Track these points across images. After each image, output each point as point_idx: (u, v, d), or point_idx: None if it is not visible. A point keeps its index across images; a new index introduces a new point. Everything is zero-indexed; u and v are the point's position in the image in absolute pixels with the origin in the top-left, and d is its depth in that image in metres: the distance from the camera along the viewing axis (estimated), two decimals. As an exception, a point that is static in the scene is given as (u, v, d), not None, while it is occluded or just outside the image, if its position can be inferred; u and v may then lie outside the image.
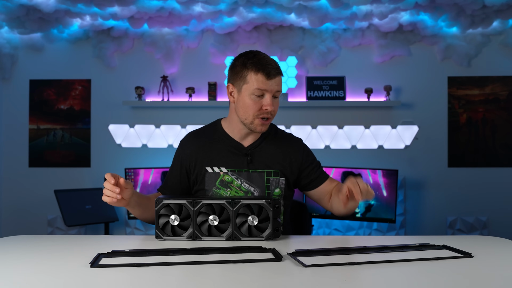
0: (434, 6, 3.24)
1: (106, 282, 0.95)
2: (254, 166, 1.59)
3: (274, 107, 1.53)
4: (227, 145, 1.61)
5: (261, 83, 1.50)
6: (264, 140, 1.63)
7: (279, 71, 1.54)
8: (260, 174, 1.58)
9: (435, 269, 1.04)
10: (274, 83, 1.52)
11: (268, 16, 3.43)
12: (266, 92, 1.52)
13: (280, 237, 1.41)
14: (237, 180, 1.58)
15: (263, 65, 1.51)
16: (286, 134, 1.71)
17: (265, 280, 0.96)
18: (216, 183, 1.59)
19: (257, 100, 1.52)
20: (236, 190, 1.58)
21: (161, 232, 1.38)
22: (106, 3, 3.12)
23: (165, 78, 3.63)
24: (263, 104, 1.52)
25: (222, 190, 1.58)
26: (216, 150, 1.61)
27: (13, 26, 3.48)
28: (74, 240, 1.40)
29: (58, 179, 3.71)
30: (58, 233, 3.67)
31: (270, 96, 1.52)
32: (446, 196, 3.65)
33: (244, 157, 1.59)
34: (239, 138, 1.61)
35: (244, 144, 1.62)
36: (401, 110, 3.65)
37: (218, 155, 1.60)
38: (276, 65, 1.54)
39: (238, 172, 1.58)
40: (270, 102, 1.52)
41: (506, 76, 3.66)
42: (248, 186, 1.58)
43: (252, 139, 1.62)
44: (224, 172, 1.58)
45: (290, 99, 3.64)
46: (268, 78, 1.50)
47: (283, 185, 1.61)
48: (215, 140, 1.63)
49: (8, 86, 3.76)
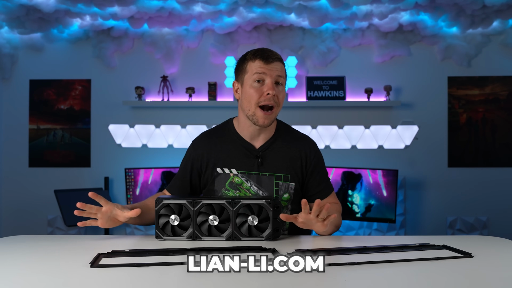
0: (434, 6, 3.24)
1: (106, 282, 0.95)
2: (265, 169, 1.56)
3: (277, 94, 1.50)
4: (238, 145, 1.58)
5: (259, 67, 1.50)
6: (275, 141, 1.60)
7: (278, 58, 1.53)
8: (269, 177, 1.56)
9: (435, 269, 1.04)
10: (274, 67, 1.50)
11: (268, 16, 3.43)
12: (266, 76, 1.50)
13: (280, 237, 1.41)
14: (246, 183, 1.55)
15: (261, 52, 1.53)
16: (298, 135, 1.66)
17: (265, 280, 0.96)
18: (225, 185, 1.57)
19: (258, 87, 1.50)
20: (245, 192, 1.55)
21: (161, 232, 1.38)
22: (106, 3, 3.12)
23: (165, 78, 3.63)
24: (263, 90, 1.49)
25: (231, 191, 1.56)
26: (227, 151, 1.58)
27: (13, 26, 3.48)
28: (74, 240, 1.40)
29: (58, 179, 3.71)
30: (58, 233, 3.67)
31: (271, 80, 1.50)
32: (446, 196, 3.65)
33: (255, 159, 1.56)
34: (249, 138, 1.58)
35: (256, 145, 1.58)
36: (401, 110, 3.65)
37: (229, 156, 1.57)
38: (275, 53, 1.54)
39: (248, 174, 1.56)
40: (271, 86, 1.49)
41: (506, 76, 3.66)
42: (257, 189, 1.55)
43: (263, 139, 1.59)
44: (234, 173, 1.56)
45: (290, 99, 3.64)
46: (266, 62, 1.50)
47: (292, 190, 1.58)
48: (226, 140, 1.60)
49: (8, 86, 3.76)
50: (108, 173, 3.67)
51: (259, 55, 1.51)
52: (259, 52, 1.53)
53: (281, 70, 1.53)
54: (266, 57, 1.50)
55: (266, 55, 1.51)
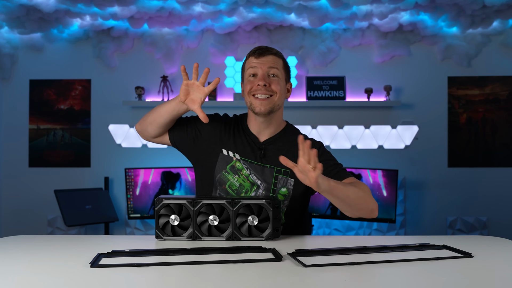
0: (434, 6, 3.24)
1: (106, 282, 0.95)
2: (266, 161, 1.60)
3: (270, 83, 1.56)
4: (246, 136, 1.64)
5: (252, 63, 1.59)
6: (280, 138, 1.64)
7: (272, 52, 1.60)
8: (270, 170, 1.59)
9: (435, 269, 1.04)
10: (265, 60, 1.58)
11: (268, 16, 3.43)
12: (257, 69, 1.57)
13: (280, 237, 1.41)
14: (246, 170, 1.59)
15: (255, 49, 1.62)
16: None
17: (265, 280, 0.96)
18: (226, 168, 1.60)
19: (252, 80, 1.59)
20: (244, 179, 1.59)
21: (161, 232, 1.38)
22: (106, 3, 3.12)
23: (165, 78, 3.63)
24: (255, 82, 1.57)
25: (230, 175, 1.60)
26: (236, 138, 1.64)
27: (13, 26, 3.48)
28: (74, 240, 1.40)
29: (58, 179, 3.71)
30: (58, 233, 3.67)
31: (261, 72, 1.57)
32: (446, 196, 3.65)
33: (258, 151, 1.61)
34: (256, 131, 1.64)
35: (260, 138, 1.64)
36: (401, 110, 3.65)
37: (235, 142, 1.63)
38: (271, 48, 1.61)
39: (249, 163, 1.60)
40: (261, 77, 1.56)
41: (506, 76, 3.66)
42: (255, 179, 1.59)
43: (268, 134, 1.64)
44: (237, 158, 1.60)
45: (290, 99, 3.64)
46: (257, 57, 1.58)
47: (291, 186, 1.59)
48: (239, 129, 1.67)
49: (8, 86, 3.76)
50: (108, 173, 3.67)
51: (252, 52, 1.61)
52: (254, 49, 1.62)
53: (273, 62, 1.59)
54: (258, 53, 1.59)
55: (259, 51, 1.59)
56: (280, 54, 1.63)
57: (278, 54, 1.62)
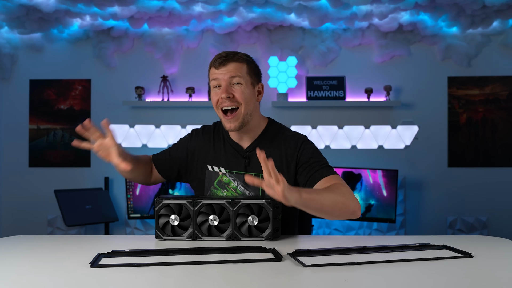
0: (434, 6, 3.24)
1: (106, 282, 0.95)
2: (251, 169, 1.57)
3: (234, 93, 1.51)
4: (227, 145, 1.62)
5: (213, 74, 1.54)
6: (261, 142, 1.60)
7: (232, 58, 1.52)
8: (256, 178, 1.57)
9: (435, 269, 1.04)
10: (226, 70, 1.51)
11: (268, 16, 3.43)
12: (219, 81, 1.52)
13: (280, 237, 1.41)
14: (233, 182, 1.58)
15: (215, 58, 1.55)
16: (288, 134, 1.63)
17: (265, 280, 0.96)
18: (214, 183, 1.60)
19: (217, 91, 1.54)
20: (232, 192, 1.58)
21: (161, 232, 1.38)
22: (106, 3, 3.12)
23: (165, 78, 3.63)
24: (218, 94, 1.53)
25: (219, 190, 1.59)
26: (218, 149, 1.62)
27: (13, 26, 3.48)
28: (74, 240, 1.40)
29: (58, 179, 3.71)
30: (58, 233, 3.67)
31: (224, 84, 1.51)
32: (446, 196, 3.65)
33: (243, 160, 1.59)
34: (236, 139, 1.61)
35: (243, 145, 1.61)
36: (401, 110, 3.65)
37: (219, 154, 1.61)
38: (227, 54, 1.53)
39: (235, 174, 1.58)
40: (223, 89, 1.51)
41: (506, 76, 3.66)
42: (243, 189, 1.58)
43: (249, 139, 1.60)
44: (223, 172, 1.59)
45: (290, 99, 3.64)
46: (216, 68, 1.53)
47: None
48: (219, 138, 1.64)
49: (8, 86, 3.76)
50: (108, 173, 3.67)
51: (213, 62, 1.55)
52: (214, 58, 1.55)
53: (235, 70, 1.52)
54: (218, 63, 1.52)
55: (219, 60, 1.53)
56: (243, 58, 1.55)
57: (241, 59, 1.54)
